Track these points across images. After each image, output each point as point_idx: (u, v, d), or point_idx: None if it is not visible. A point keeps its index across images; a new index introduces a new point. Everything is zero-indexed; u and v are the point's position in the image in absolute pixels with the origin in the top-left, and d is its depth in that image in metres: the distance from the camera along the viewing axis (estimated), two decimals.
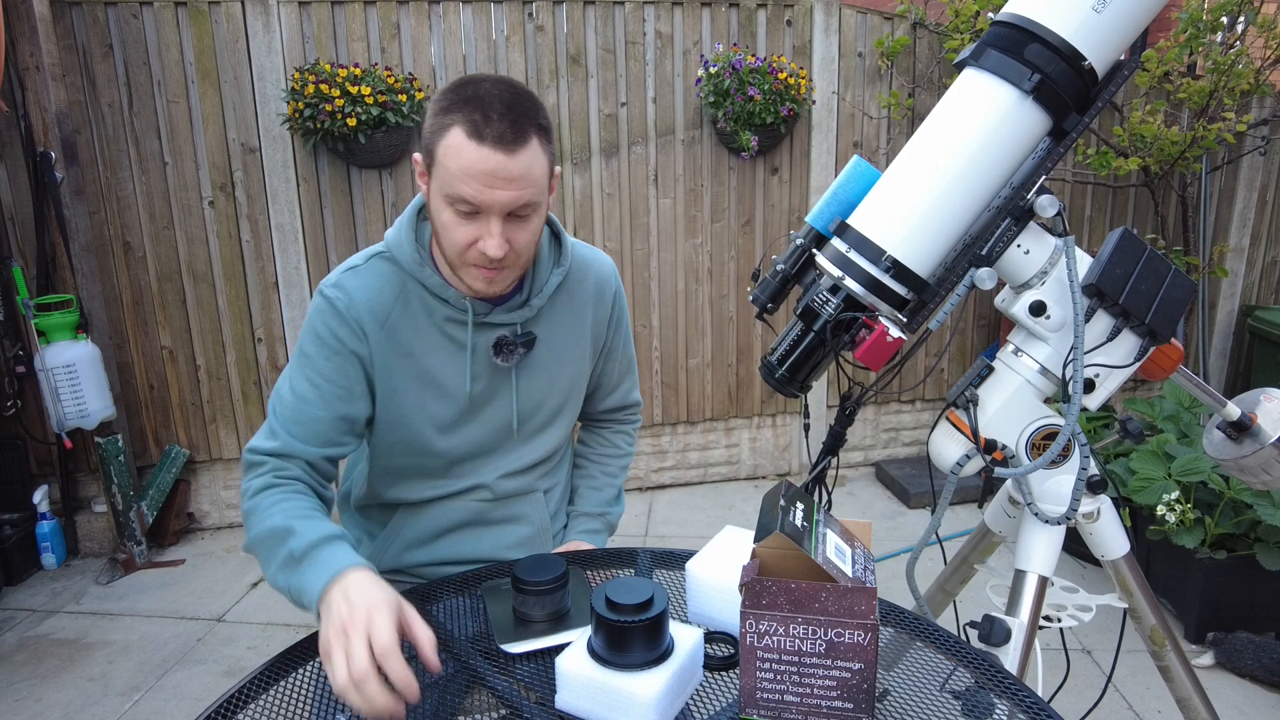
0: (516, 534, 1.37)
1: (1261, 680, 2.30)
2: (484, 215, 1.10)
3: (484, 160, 1.05)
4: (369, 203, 3.21)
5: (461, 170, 1.06)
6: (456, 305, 1.22)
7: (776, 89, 3.15)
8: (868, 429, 3.90)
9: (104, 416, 2.95)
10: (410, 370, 1.23)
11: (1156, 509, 2.44)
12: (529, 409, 1.32)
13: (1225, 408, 1.35)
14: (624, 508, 1.56)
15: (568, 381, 1.35)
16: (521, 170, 1.08)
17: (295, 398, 1.19)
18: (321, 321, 1.20)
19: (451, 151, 1.07)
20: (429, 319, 1.23)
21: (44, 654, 2.56)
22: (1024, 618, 1.20)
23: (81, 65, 2.96)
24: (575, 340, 1.34)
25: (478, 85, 1.08)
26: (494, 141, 1.05)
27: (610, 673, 0.87)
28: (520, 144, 1.07)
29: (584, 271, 1.35)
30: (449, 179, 1.08)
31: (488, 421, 1.30)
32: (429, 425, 1.26)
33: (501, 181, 1.07)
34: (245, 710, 0.95)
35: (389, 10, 3.08)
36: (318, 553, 1.00)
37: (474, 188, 1.07)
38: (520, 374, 1.29)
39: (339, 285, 1.20)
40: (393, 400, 1.24)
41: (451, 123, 1.07)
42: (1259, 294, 3.95)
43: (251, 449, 1.17)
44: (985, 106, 1.06)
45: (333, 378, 1.19)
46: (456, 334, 1.24)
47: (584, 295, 1.35)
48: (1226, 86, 3.20)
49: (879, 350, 1.06)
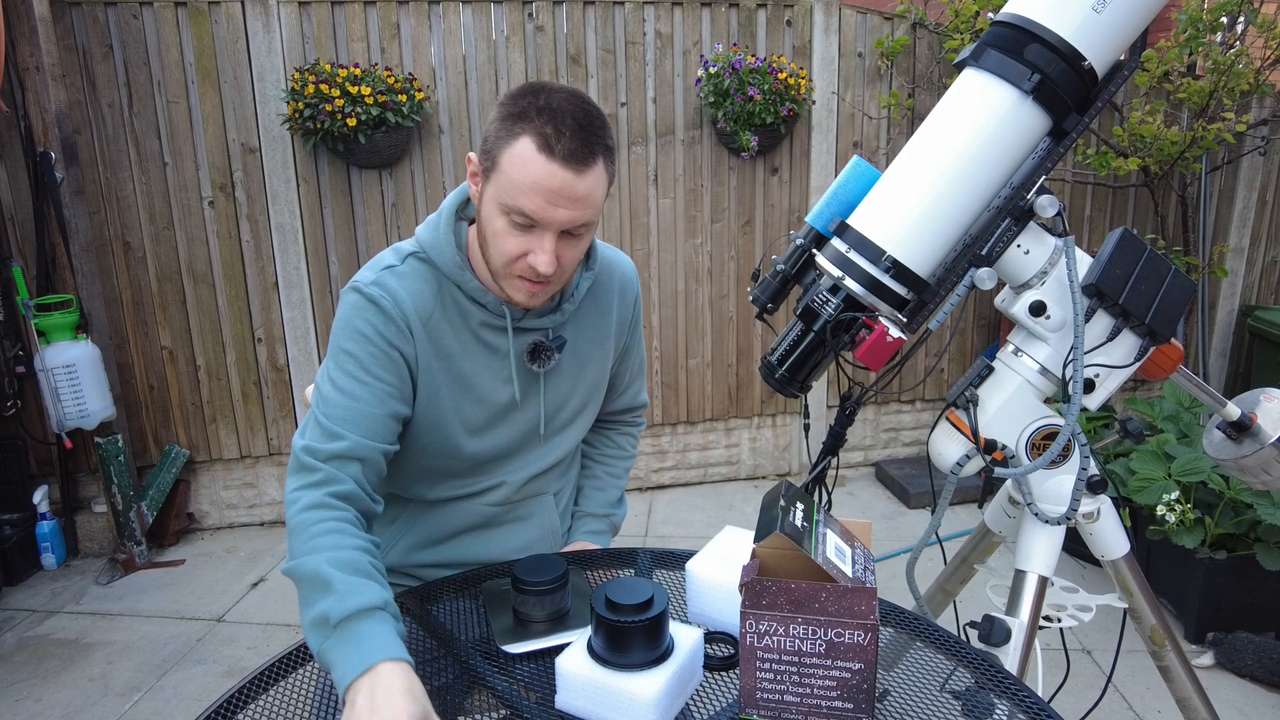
0: (523, 537, 1.37)
1: (1261, 680, 2.30)
2: (539, 230, 1.07)
3: (551, 176, 1.03)
4: (369, 203, 3.21)
5: (527, 183, 1.04)
6: (494, 310, 1.20)
7: (776, 89, 3.15)
8: (868, 429, 3.90)
9: (104, 417, 2.95)
10: (448, 373, 1.21)
11: (1156, 509, 2.44)
12: (553, 410, 1.31)
13: (1225, 408, 1.35)
14: (626, 509, 1.56)
15: (591, 382, 1.35)
16: (586, 190, 1.06)
17: (346, 396, 1.12)
18: (364, 319, 1.14)
19: (518, 162, 1.04)
20: (464, 322, 1.21)
21: (44, 654, 2.56)
22: (1024, 618, 1.20)
23: (81, 65, 2.96)
24: (600, 341, 1.34)
25: (550, 95, 1.05)
26: (564, 158, 1.03)
27: (610, 673, 0.87)
28: (589, 164, 1.05)
29: (610, 272, 1.34)
30: (511, 189, 1.05)
31: (515, 425, 1.29)
32: (461, 428, 1.24)
33: (566, 200, 1.05)
34: (245, 710, 0.95)
35: (389, 10, 3.08)
36: (355, 628, 0.90)
37: (537, 203, 1.04)
38: (548, 378, 1.28)
39: (380, 284, 1.16)
40: (433, 402, 1.22)
41: (521, 131, 1.03)
42: (1259, 294, 3.95)
43: (309, 450, 1.07)
44: (985, 107, 1.06)
45: (382, 376, 1.14)
46: (490, 338, 1.22)
47: (609, 296, 1.34)
48: (1226, 86, 3.20)
49: (879, 350, 1.06)
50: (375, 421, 1.12)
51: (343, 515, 1.04)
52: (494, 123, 1.08)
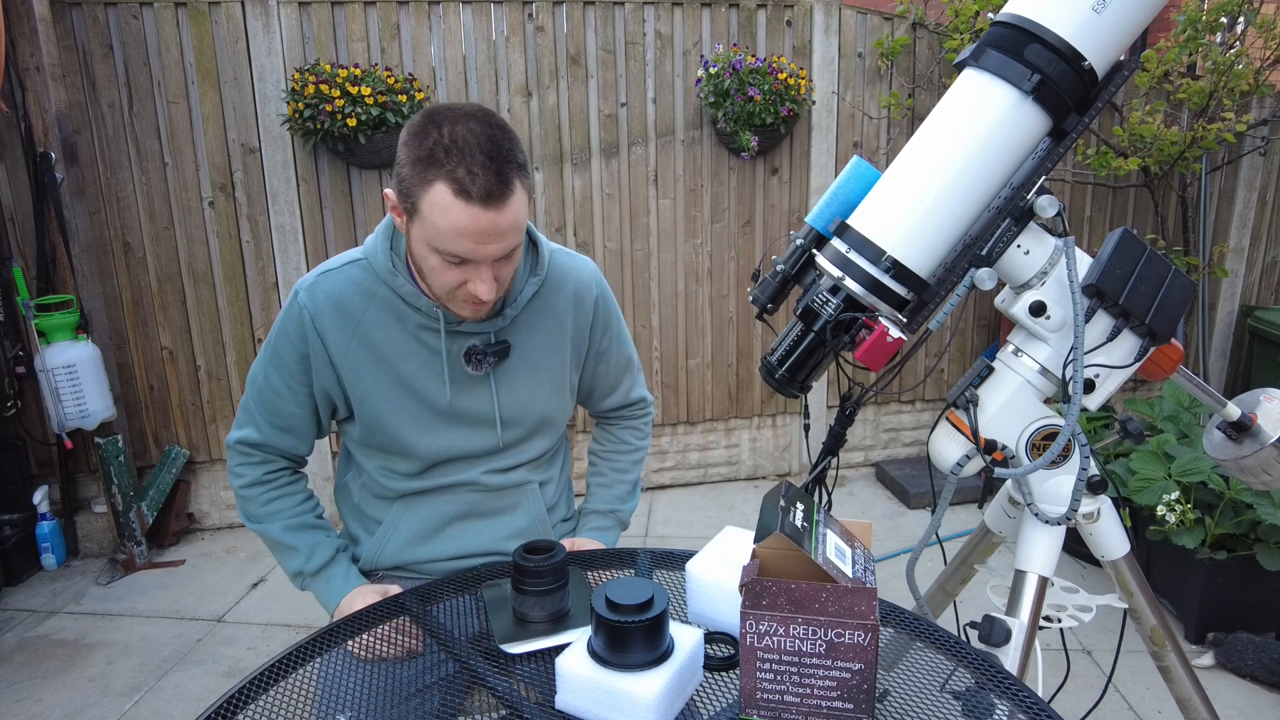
0: (513, 524, 1.38)
1: (1261, 680, 2.30)
2: (473, 264, 1.12)
3: (475, 220, 1.06)
4: (369, 203, 3.22)
5: (453, 231, 1.07)
6: (429, 314, 1.24)
7: (776, 89, 3.15)
8: (868, 429, 3.90)
9: (104, 417, 2.95)
10: (385, 375, 1.26)
11: (1156, 509, 2.44)
12: (513, 416, 1.33)
13: (1225, 408, 1.35)
14: (638, 502, 1.57)
15: (549, 389, 1.36)
16: (510, 222, 1.09)
17: (268, 390, 1.28)
18: (289, 322, 1.25)
19: (438, 210, 1.06)
20: (402, 326, 1.25)
21: (44, 654, 2.56)
22: (1024, 618, 1.20)
23: (81, 66, 2.96)
24: (554, 348, 1.35)
25: (453, 128, 1.05)
26: (482, 200, 1.05)
27: (610, 673, 0.87)
28: (506, 197, 1.07)
29: (562, 279, 1.35)
30: (437, 235, 1.08)
31: (470, 427, 1.31)
32: (409, 425, 1.28)
33: (493, 237, 1.08)
34: (245, 710, 0.95)
35: (389, 11, 3.08)
36: (323, 575, 1.30)
37: (466, 246, 1.08)
38: (500, 382, 1.30)
39: (311, 289, 1.24)
40: (366, 403, 1.27)
41: (434, 177, 1.05)
42: (1259, 294, 3.95)
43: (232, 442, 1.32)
44: (985, 107, 1.06)
45: (302, 379, 1.27)
46: (430, 340, 1.26)
47: (563, 303, 1.35)
48: (1226, 86, 3.20)
49: (879, 350, 1.06)
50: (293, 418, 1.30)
51: (278, 481, 1.33)
52: (404, 164, 1.08)
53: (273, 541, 1.32)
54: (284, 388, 1.27)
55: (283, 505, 1.32)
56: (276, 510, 1.31)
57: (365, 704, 0.96)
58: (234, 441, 1.31)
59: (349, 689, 0.99)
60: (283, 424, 1.30)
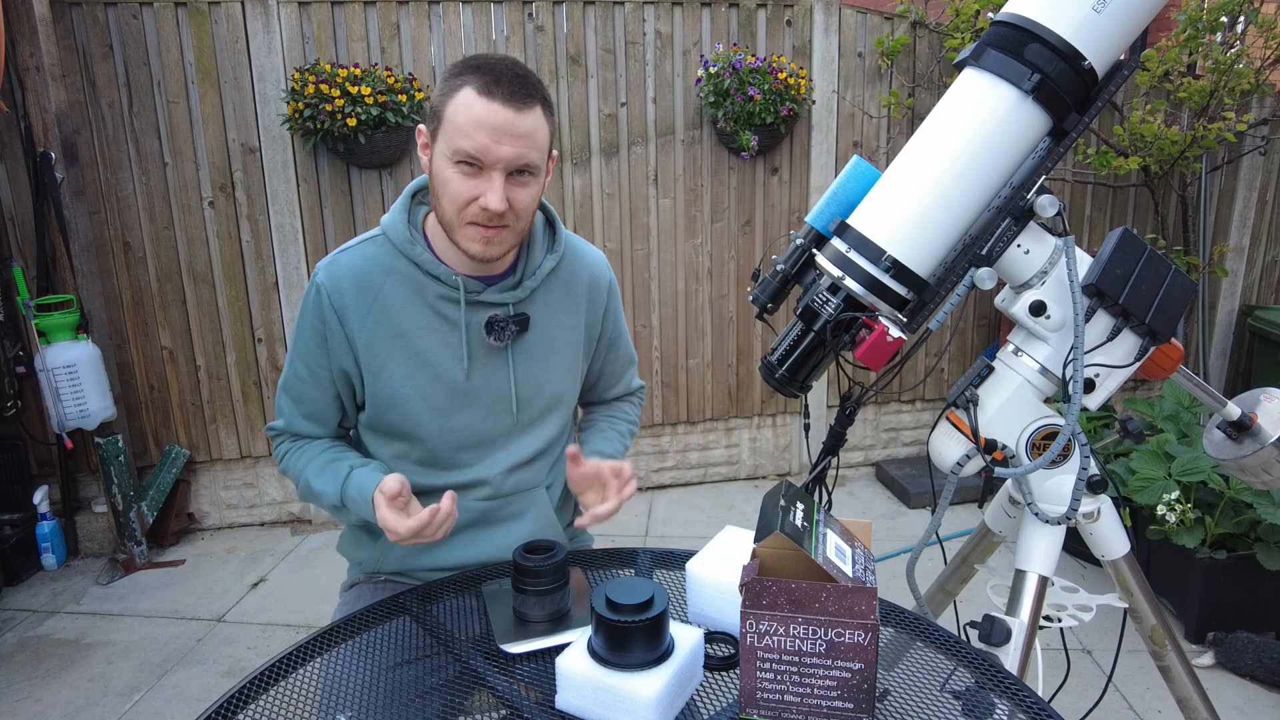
0: (520, 533, 1.37)
1: (1261, 680, 2.30)
2: (487, 172, 1.13)
3: (493, 115, 1.10)
4: (369, 203, 3.21)
5: (471, 123, 1.10)
6: (449, 283, 1.24)
7: (776, 89, 3.15)
8: (868, 429, 3.90)
9: (104, 417, 2.95)
10: (402, 350, 1.25)
11: (1156, 509, 2.44)
12: (528, 394, 1.33)
13: (1225, 408, 1.35)
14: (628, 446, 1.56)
15: (564, 368, 1.36)
16: (528, 129, 1.13)
17: (293, 377, 1.30)
18: (308, 302, 1.27)
19: (462, 108, 1.11)
20: (420, 299, 1.25)
21: (44, 654, 2.56)
22: (1024, 618, 1.20)
23: (81, 66, 2.96)
24: (570, 328, 1.36)
25: (488, 57, 1.15)
26: (504, 99, 1.10)
27: (610, 673, 0.87)
28: (528, 105, 1.13)
29: (579, 262, 1.37)
30: (456, 134, 1.12)
31: (485, 406, 1.30)
32: (423, 406, 1.27)
33: (509, 137, 1.11)
34: (245, 710, 0.95)
35: (389, 10, 3.08)
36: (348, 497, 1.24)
37: (481, 141, 1.11)
38: (517, 358, 1.30)
39: (329, 266, 1.26)
40: (380, 379, 1.26)
41: (462, 84, 1.12)
42: (1259, 294, 3.95)
43: (268, 429, 1.38)
44: (985, 106, 1.06)
45: (322, 361, 1.27)
46: (449, 312, 1.25)
47: (579, 286, 1.36)
48: (1226, 86, 3.20)
49: (879, 350, 1.06)
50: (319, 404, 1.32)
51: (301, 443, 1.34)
52: (437, 89, 1.17)
53: (310, 495, 1.31)
54: (306, 372, 1.29)
55: (308, 455, 1.32)
56: (303, 462, 1.31)
57: (365, 704, 0.96)
58: (267, 429, 1.38)
59: (349, 689, 0.99)
60: (307, 411, 1.32)
